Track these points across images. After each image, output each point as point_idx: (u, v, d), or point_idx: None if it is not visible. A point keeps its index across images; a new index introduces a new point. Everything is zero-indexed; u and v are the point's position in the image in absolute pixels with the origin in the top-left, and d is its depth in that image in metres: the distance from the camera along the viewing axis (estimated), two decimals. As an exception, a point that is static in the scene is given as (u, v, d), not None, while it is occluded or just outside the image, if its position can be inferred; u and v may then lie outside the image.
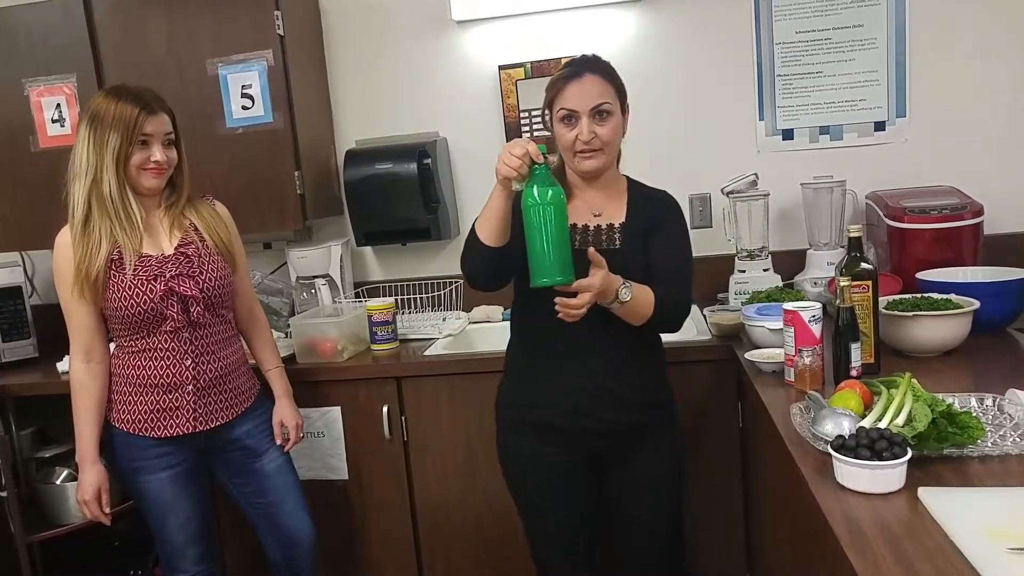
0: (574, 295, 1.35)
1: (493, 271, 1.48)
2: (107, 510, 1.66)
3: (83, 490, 1.63)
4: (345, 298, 2.35)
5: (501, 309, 2.39)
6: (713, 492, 1.93)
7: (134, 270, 1.56)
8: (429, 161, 2.28)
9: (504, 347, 1.68)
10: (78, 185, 1.55)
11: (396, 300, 2.27)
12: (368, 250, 2.56)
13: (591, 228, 1.53)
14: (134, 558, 2.34)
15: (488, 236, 1.42)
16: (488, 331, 2.34)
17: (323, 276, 2.33)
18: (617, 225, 1.53)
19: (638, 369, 1.54)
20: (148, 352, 1.60)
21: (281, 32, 2.16)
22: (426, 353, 2.10)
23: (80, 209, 1.55)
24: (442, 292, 2.39)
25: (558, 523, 1.60)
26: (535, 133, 2.41)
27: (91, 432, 1.63)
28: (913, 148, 2.27)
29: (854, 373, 1.39)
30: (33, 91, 2.27)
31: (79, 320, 1.59)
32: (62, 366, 2.25)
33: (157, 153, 1.56)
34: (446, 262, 2.52)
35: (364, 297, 2.40)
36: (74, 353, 1.63)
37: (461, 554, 2.10)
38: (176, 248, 1.61)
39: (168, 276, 1.58)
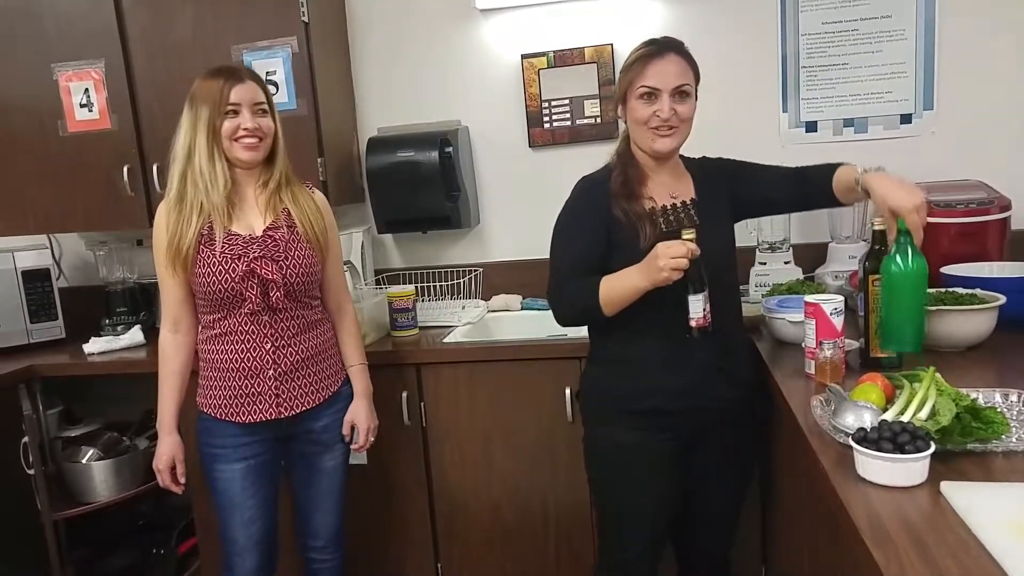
0: None
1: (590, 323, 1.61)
2: (182, 480, 1.67)
3: (158, 458, 1.65)
4: (366, 284, 2.37)
5: (520, 298, 2.41)
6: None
7: (222, 247, 1.56)
8: (451, 149, 2.28)
9: (521, 335, 1.68)
10: (176, 166, 1.57)
11: (416, 287, 2.29)
12: (389, 237, 2.57)
13: (670, 208, 1.54)
14: (157, 537, 2.39)
15: (612, 312, 1.47)
16: (507, 319, 2.35)
17: (344, 263, 2.34)
18: (690, 201, 1.57)
19: (743, 344, 1.64)
20: (229, 335, 1.59)
21: (306, 19, 2.17)
22: (445, 340, 2.11)
23: (175, 187, 1.57)
24: (462, 280, 2.41)
25: (655, 509, 1.58)
26: (555, 123, 2.41)
27: (171, 402, 1.64)
28: (940, 142, 2.24)
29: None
30: (62, 76, 2.30)
31: (169, 292, 1.61)
32: (88, 347, 2.29)
33: (247, 120, 1.55)
34: (466, 250, 2.53)
35: (384, 284, 2.42)
36: (163, 323, 1.65)
37: (477, 539, 2.12)
38: (264, 231, 1.60)
39: (251, 257, 1.55)
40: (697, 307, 1.41)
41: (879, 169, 1.45)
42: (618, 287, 1.45)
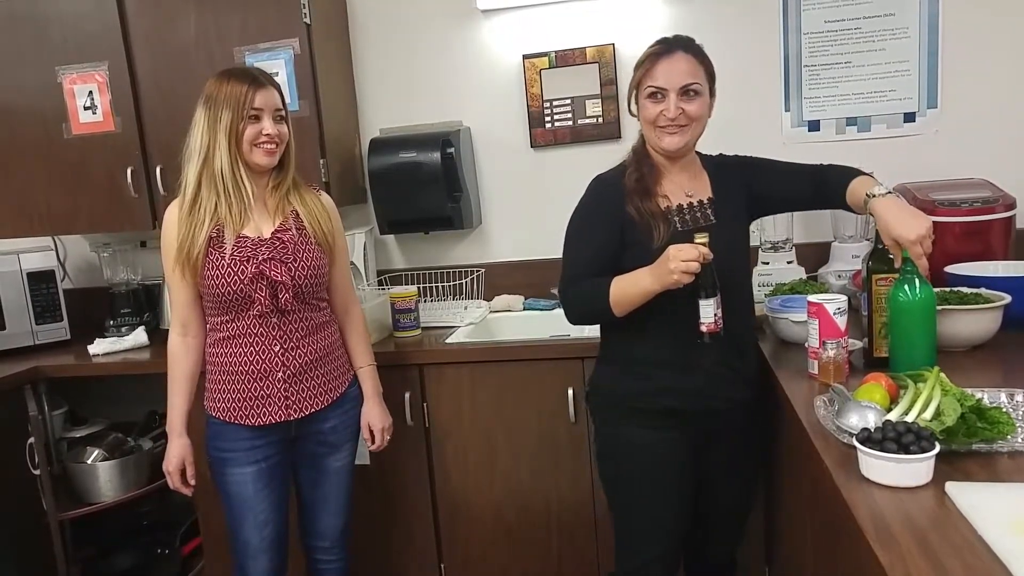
0: None
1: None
2: (192, 482, 1.67)
3: (168, 461, 1.65)
4: (368, 285, 2.37)
5: (522, 298, 2.40)
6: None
7: (231, 250, 1.56)
8: (453, 150, 2.29)
9: (523, 335, 1.68)
10: (191, 166, 1.57)
11: (418, 288, 2.29)
12: (391, 238, 2.57)
13: (685, 207, 1.54)
14: (161, 537, 2.40)
15: (622, 313, 1.47)
16: (509, 320, 2.35)
17: (346, 263, 2.35)
18: (706, 200, 1.56)
19: (753, 345, 1.64)
20: (238, 338, 1.59)
21: (308, 20, 2.17)
22: (448, 341, 2.11)
23: (190, 189, 1.56)
24: (464, 281, 2.41)
25: (670, 509, 1.57)
26: (557, 123, 2.41)
27: (181, 404, 1.65)
28: (944, 140, 2.23)
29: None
30: (66, 78, 2.30)
31: (177, 295, 1.61)
32: (93, 348, 2.30)
33: (268, 126, 1.55)
34: (468, 251, 2.53)
35: (387, 285, 2.42)
36: (172, 326, 1.65)
37: (480, 539, 2.12)
38: (273, 233, 1.60)
39: (260, 259, 1.55)
40: (708, 312, 1.39)
41: (888, 194, 1.44)
42: (628, 288, 1.44)
